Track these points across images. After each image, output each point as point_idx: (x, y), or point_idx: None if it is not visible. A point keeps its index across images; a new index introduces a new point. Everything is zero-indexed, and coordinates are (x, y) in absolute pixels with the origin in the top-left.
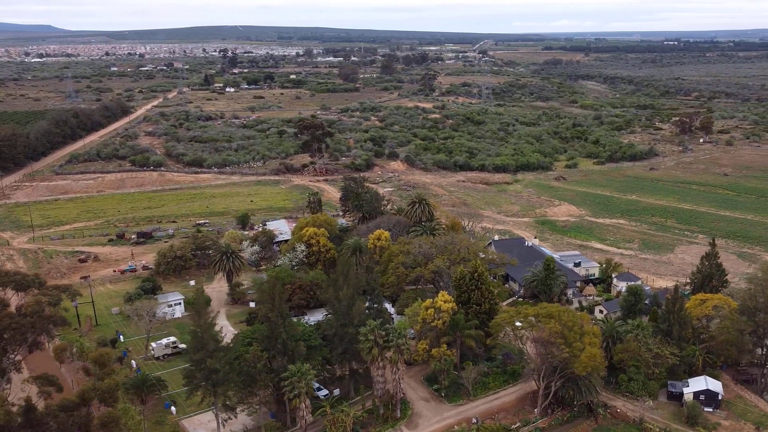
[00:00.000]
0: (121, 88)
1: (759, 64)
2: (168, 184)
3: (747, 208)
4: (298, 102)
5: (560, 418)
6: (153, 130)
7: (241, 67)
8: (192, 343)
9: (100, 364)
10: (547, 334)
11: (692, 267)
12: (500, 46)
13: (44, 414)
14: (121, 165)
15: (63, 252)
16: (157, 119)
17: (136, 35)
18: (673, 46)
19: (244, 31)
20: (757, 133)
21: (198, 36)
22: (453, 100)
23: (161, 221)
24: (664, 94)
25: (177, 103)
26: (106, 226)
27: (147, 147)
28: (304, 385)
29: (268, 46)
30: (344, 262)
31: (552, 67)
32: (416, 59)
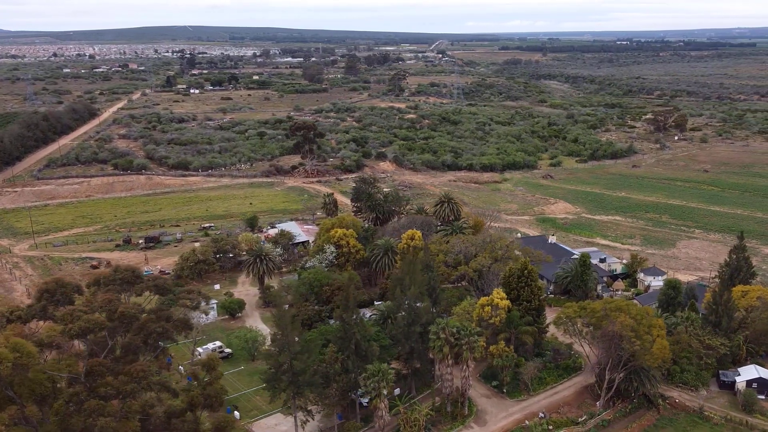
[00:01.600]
0: (79, 90)
1: (712, 63)
2: (158, 187)
3: (734, 203)
4: (267, 103)
5: (622, 410)
6: (127, 132)
7: (200, 68)
8: (275, 345)
9: (210, 368)
10: (618, 328)
11: (699, 261)
12: (456, 46)
13: (159, 421)
14: (103, 169)
15: (71, 259)
16: (128, 122)
17: (83, 36)
18: (626, 45)
19: (194, 32)
20: (728, 130)
21: (147, 36)
22: (424, 100)
23: (164, 225)
24: (627, 93)
25: (144, 105)
26: (107, 231)
27: (127, 150)
28: (385, 384)
29: (222, 47)
30: (410, 261)
31: (512, 66)
32: (378, 60)
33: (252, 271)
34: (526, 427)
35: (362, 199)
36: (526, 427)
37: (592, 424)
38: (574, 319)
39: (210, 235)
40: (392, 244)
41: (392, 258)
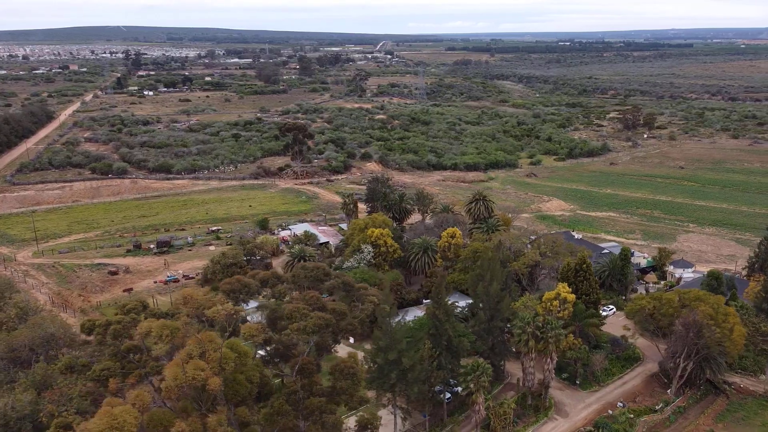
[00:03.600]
0: (23, 92)
1: (657, 64)
2: (145, 191)
3: (717, 198)
4: (229, 105)
5: (693, 396)
6: (93, 135)
7: (146, 70)
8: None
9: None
10: (701, 317)
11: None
12: (402, 47)
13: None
14: (81, 173)
15: (83, 265)
16: (90, 125)
17: (10, 36)
18: (569, 46)
19: (129, 32)
20: (692, 128)
21: (79, 37)
22: (388, 100)
23: (169, 229)
24: (582, 93)
25: (100, 107)
26: (109, 237)
27: (102, 154)
28: (485, 379)
29: (161, 48)
30: (490, 258)
31: (463, 67)
32: (330, 60)
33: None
34: (610, 416)
35: (377, 198)
36: (611, 416)
37: (669, 412)
38: (650, 309)
39: (221, 238)
40: (430, 243)
41: (432, 257)
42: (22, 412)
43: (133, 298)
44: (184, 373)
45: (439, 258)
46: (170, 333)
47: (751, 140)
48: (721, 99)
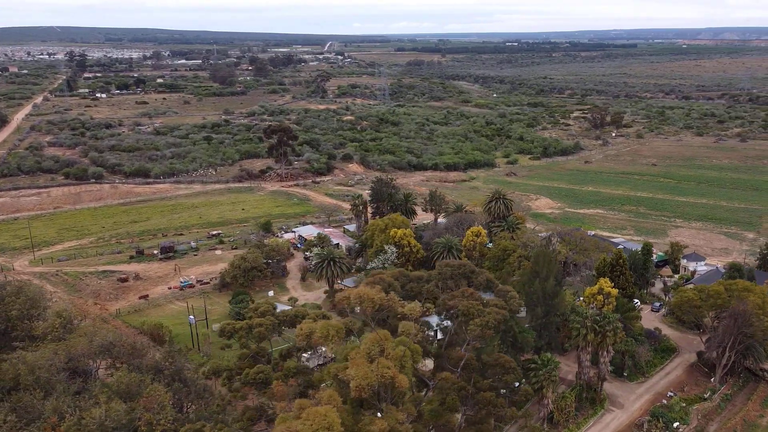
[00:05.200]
0: None
1: (606, 63)
2: (128, 196)
3: (695, 194)
4: (189, 107)
5: (736, 384)
6: (56, 140)
7: (92, 72)
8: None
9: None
10: (751, 306)
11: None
12: (351, 48)
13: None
14: (54, 179)
15: (89, 273)
16: (49, 128)
17: None
18: (518, 47)
19: (64, 33)
20: (658, 126)
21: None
22: (352, 101)
23: (166, 234)
24: (540, 93)
25: (54, 110)
26: (104, 243)
27: (73, 159)
28: (555, 374)
29: (100, 48)
30: (545, 255)
31: (417, 68)
32: (282, 61)
33: (320, 273)
34: (664, 406)
35: (383, 199)
36: (665, 405)
37: (717, 399)
38: (695, 301)
39: (225, 242)
40: (453, 242)
41: (456, 255)
42: (119, 421)
43: (151, 303)
44: (373, 372)
45: (464, 257)
46: (336, 333)
47: (715, 138)
48: (675, 98)
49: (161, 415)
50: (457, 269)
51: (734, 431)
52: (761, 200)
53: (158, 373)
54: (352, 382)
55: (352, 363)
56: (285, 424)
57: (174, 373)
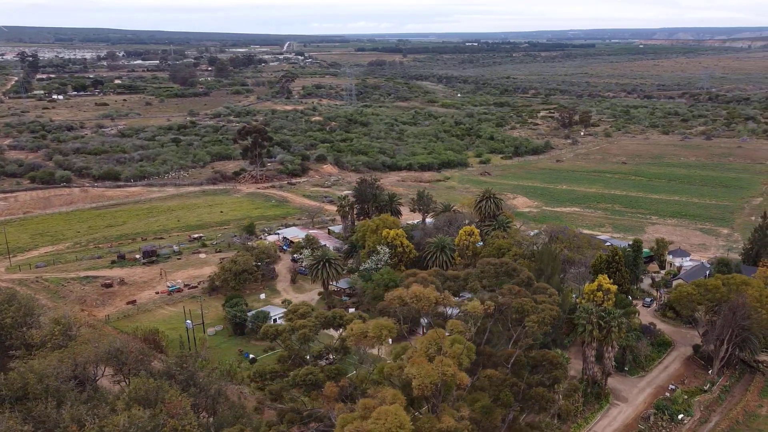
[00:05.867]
0: None
1: (566, 63)
2: (101, 200)
3: (667, 191)
4: (152, 108)
5: (733, 376)
6: (16, 143)
7: (45, 73)
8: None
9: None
10: (750, 300)
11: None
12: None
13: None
14: (19, 183)
15: (71, 279)
16: (8, 131)
17: None
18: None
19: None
20: (624, 125)
21: None
22: (318, 102)
23: (146, 238)
24: (504, 92)
25: (10, 112)
26: (82, 249)
27: (38, 162)
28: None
29: (50, 49)
30: (549, 252)
31: (379, 68)
32: (243, 62)
33: (316, 275)
34: (667, 398)
35: (368, 200)
36: (668, 398)
37: (717, 391)
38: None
39: (207, 245)
40: (446, 242)
41: (449, 255)
42: (144, 429)
43: (140, 309)
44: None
45: (457, 256)
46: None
47: (681, 136)
48: (637, 97)
49: (185, 420)
50: (500, 267)
51: (737, 421)
52: (731, 197)
53: (170, 378)
54: (414, 381)
55: (411, 362)
56: (352, 424)
57: (188, 378)
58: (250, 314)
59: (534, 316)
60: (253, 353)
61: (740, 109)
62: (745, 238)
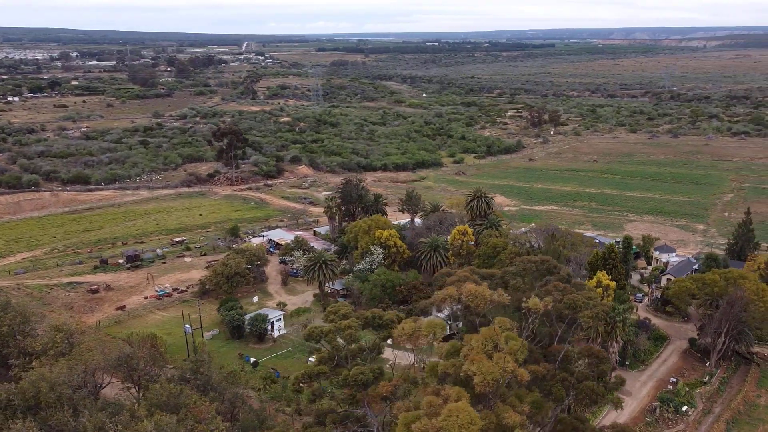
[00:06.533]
0: None
1: (528, 63)
2: (73, 204)
3: (640, 189)
4: (114, 110)
5: (730, 368)
6: None
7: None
8: None
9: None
10: (748, 293)
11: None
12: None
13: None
14: None
15: (54, 285)
16: None
17: None
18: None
19: None
20: (592, 124)
21: None
22: (284, 102)
23: (126, 242)
24: (469, 92)
25: None
26: (60, 254)
27: (3, 167)
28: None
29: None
30: (554, 249)
31: (341, 68)
32: (203, 62)
33: (316, 277)
34: (670, 391)
35: (353, 200)
36: (671, 391)
37: (716, 383)
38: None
39: (191, 248)
40: (440, 241)
41: (444, 255)
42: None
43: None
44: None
45: (451, 256)
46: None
47: (648, 134)
48: (600, 96)
49: (213, 425)
50: (541, 264)
51: (738, 411)
52: (702, 193)
53: (185, 382)
54: (476, 378)
55: (470, 359)
56: (420, 422)
57: (205, 382)
58: (247, 317)
59: (588, 312)
60: (253, 357)
61: (703, 107)
62: (721, 233)
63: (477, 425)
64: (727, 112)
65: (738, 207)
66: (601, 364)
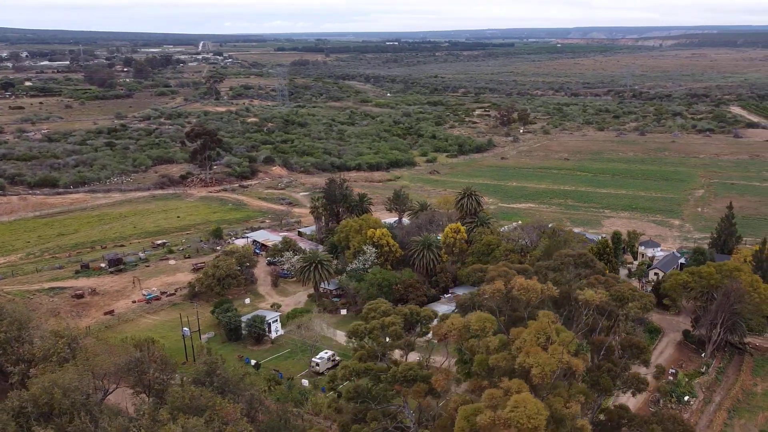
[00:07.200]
0: None
1: (490, 62)
2: (43, 208)
3: (614, 185)
4: (73, 111)
5: (725, 358)
6: None
7: None
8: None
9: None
10: (743, 285)
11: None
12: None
13: None
14: None
15: (36, 291)
16: None
17: None
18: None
19: None
20: (560, 122)
21: None
22: (249, 103)
23: (106, 246)
24: (434, 91)
25: None
26: (38, 259)
27: None
28: None
29: None
30: (557, 242)
31: (303, 68)
32: (161, 62)
33: (312, 278)
34: (671, 382)
35: (337, 200)
36: (672, 382)
37: (714, 373)
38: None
39: (174, 251)
40: (431, 240)
41: (436, 253)
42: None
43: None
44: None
45: (444, 254)
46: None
47: (616, 132)
48: (564, 95)
49: (241, 426)
50: (579, 258)
51: (738, 399)
52: (673, 189)
53: (200, 385)
54: (534, 370)
55: (524, 351)
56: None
57: (222, 384)
58: (244, 319)
59: (636, 303)
60: (253, 359)
61: (666, 105)
62: (696, 228)
63: (543, 416)
64: (690, 110)
65: (710, 202)
66: (641, 354)
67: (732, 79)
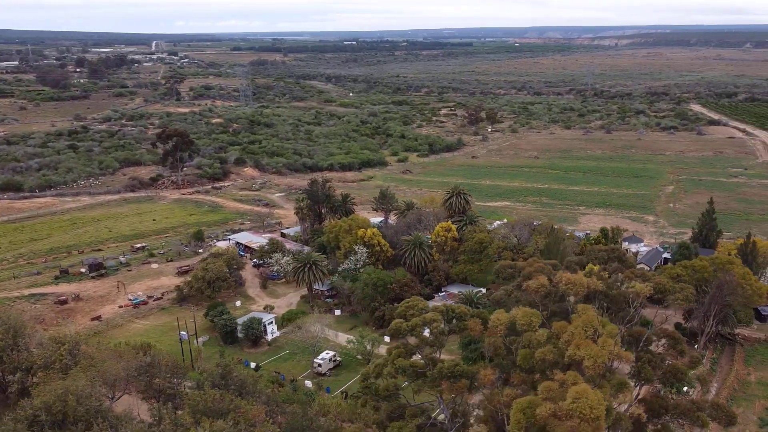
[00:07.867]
0: None
1: (450, 62)
2: (9, 213)
3: (586, 183)
4: (29, 113)
5: (717, 349)
6: None
7: None
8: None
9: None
10: (737, 277)
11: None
12: (181, 47)
13: None
14: None
15: (16, 298)
16: None
17: None
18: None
19: None
20: (527, 121)
21: None
22: (212, 103)
23: (83, 251)
24: (397, 91)
25: None
26: (13, 265)
27: None
28: None
29: None
30: (557, 238)
31: (261, 68)
32: (115, 62)
33: (305, 279)
34: None
35: (321, 201)
36: None
37: (708, 364)
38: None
39: (155, 255)
40: (422, 239)
41: (428, 252)
42: None
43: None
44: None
45: (435, 252)
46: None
47: (583, 130)
48: (527, 94)
49: (267, 428)
50: (611, 253)
51: (734, 389)
52: (644, 186)
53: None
54: (586, 362)
55: (575, 344)
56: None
57: (240, 386)
58: (240, 322)
59: (679, 294)
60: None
61: (628, 104)
62: (671, 223)
63: (604, 406)
64: (652, 108)
65: (680, 198)
66: (677, 344)
67: (689, 77)
